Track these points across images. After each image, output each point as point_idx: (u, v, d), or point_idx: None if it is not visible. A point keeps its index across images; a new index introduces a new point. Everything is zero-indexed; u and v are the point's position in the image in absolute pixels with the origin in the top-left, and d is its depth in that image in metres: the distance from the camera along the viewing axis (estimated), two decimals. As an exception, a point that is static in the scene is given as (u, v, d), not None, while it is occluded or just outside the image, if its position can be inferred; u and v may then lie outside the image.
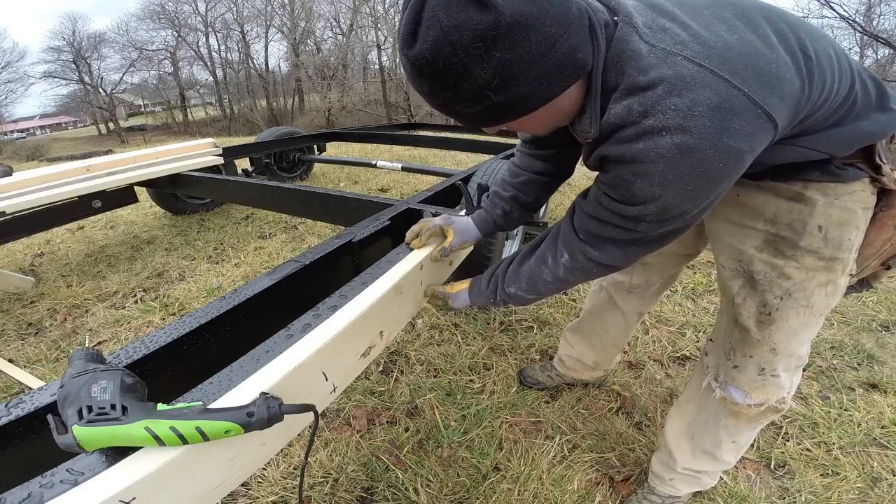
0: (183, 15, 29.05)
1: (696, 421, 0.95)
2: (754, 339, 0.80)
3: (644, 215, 0.61)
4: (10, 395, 1.40)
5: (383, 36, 26.67)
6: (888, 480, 1.14)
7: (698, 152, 0.52)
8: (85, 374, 0.46)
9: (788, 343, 0.79)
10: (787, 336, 0.78)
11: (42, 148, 20.39)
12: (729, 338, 0.85)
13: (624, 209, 0.62)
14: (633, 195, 0.59)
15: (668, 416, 1.04)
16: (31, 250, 2.45)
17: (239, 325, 0.75)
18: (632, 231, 0.64)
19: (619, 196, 0.61)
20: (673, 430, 1.00)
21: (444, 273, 1.08)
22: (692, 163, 0.53)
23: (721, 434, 0.91)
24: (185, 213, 2.91)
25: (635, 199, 0.59)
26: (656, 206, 0.58)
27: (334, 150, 4.65)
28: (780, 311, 0.76)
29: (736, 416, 0.88)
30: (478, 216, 0.96)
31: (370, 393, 1.40)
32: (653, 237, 0.65)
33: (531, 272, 0.79)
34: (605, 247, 0.69)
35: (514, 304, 0.86)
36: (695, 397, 0.96)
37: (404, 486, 1.09)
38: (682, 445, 0.98)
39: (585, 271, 0.74)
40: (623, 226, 0.64)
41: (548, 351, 1.60)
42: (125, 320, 1.77)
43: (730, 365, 0.85)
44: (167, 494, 0.45)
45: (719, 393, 0.88)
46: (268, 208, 2.00)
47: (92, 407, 0.43)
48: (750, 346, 0.81)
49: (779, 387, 0.83)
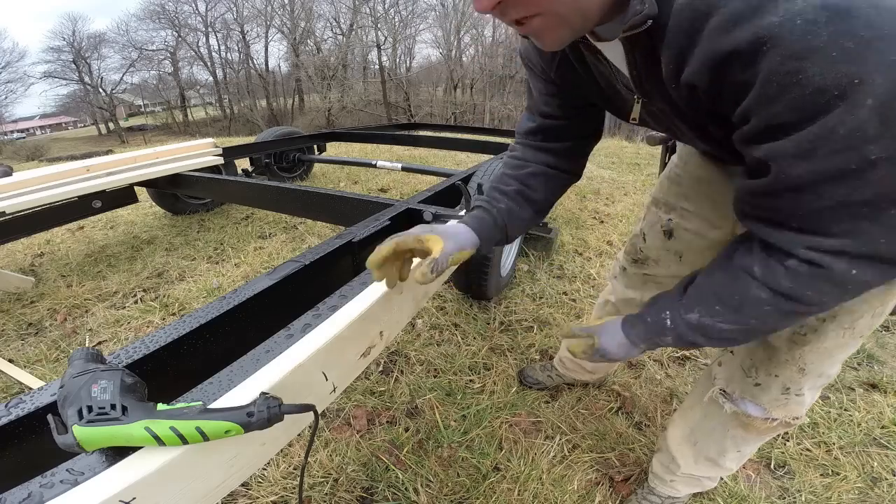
0: (183, 15, 29.09)
1: (700, 427, 0.92)
2: (782, 359, 0.73)
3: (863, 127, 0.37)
4: (10, 395, 1.40)
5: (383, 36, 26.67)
6: (888, 480, 1.14)
7: None
8: (85, 374, 0.46)
9: (820, 364, 0.71)
10: (821, 357, 0.70)
11: (42, 148, 20.42)
12: (751, 355, 0.78)
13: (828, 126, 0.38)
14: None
15: (671, 421, 1.02)
16: (31, 250, 2.45)
17: (239, 325, 0.74)
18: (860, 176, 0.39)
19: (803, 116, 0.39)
20: (675, 434, 0.98)
21: (444, 273, 1.07)
22: None
23: (727, 443, 0.88)
24: (185, 213, 2.91)
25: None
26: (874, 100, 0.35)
27: (334, 150, 4.65)
28: (818, 333, 0.67)
29: (746, 429, 0.84)
30: (473, 218, 0.75)
31: (370, 393, 1.40)
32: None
33: (723, 287, 0.55)
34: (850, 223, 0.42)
35: (706, 341, 0.58)
36: (699, 404, 0.92)
37: (404, 486, 1.09)
38: (685, 451, 0.96)
39: (829, 280, 0.45)
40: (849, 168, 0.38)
41: (548, 351, 1.60)
42: (125, 320, 1.77)
43: (750, 382, 0.79)
44: (167, 494, 0.45)
45: (730, 407, 0.82)
46: (268, 208, 2.00)
47: (92, 407, 0.43)
48: (776, 365, 0.74)
49: (801, 405, 0.77)
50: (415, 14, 29.30)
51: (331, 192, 1.65)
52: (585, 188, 3.68)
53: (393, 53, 29.11)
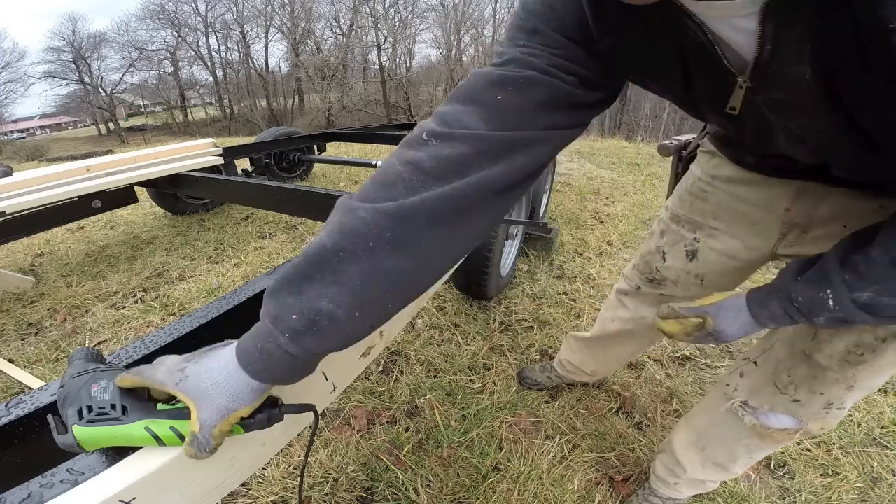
0: (183, 15, 29.13)
1: (708, 434, 0.90)
2: (831, 378, 0.68)
3: None
4: (10, 395, 1.40)
5: (383, 36, 26.69)
6: (888, 480, 1.14)
7: None
8: (85, 373, 0.46)
9: (871, 380, 0.67)
10: (873, 374, 0.66)
11: (42, 148, 20.43)
12: (789, 370, 0.73)
13: None
14: None
15: (677, 426, 1.00)
16: (31, 250, 2.45)
17: (239, 325, 0.74)
18: None
19: None
20: (681, 439, 0.96)
21: None
22: None
23: (739, 450, 0.85)
24: (185, 213, 2.91)
25: None
26: None
27: (334, 150, 4.65)
28: (877, 353, 0.63)
29: (763, 438, 0.80)
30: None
31: (370, 393, 1.40)
32: None
33: None
34: None
35: (874, 319, 0.50)
36: (708, 411, 0.90)
37: (404, 486, 1.10)
38: (691, 456, 0.94)
39: None
40: None
41: (548, 351, 1.60)
42: (125, 320, 1.77)
43: (786, 398, 0.74)
44: (167, 494, 0.45)
45: (751, 420, 0.79)
46: (268, 208, 2.00)
47: (92, 407, 0.43)
48: (822, 383, 0.69)
49: (838, 417, 0.73)
50: (415, 14, 29.35)
51: (331, 192, 1.65)
52: (585, 188, 3.68)
53: (393, 53, 29.13)
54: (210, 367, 0.44)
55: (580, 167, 4.48)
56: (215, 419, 0.42)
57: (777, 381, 0.75)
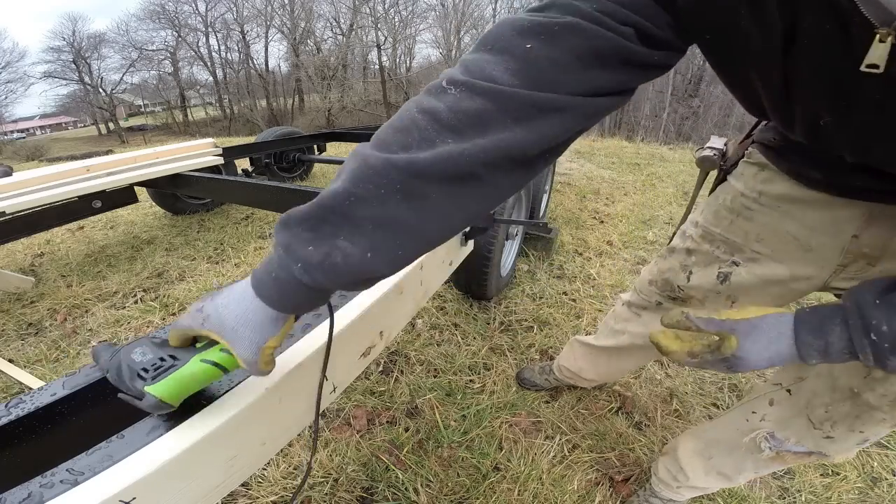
0: (183, 15, 29.14)
1: (716, 445, 0.87)
2: (878, 418, 0.62)
3: None
4: (10, 395, 1.40)
5: (383, 36, 26.69)
6: (888, 480, 1.14)
7: None
8: (117, 352, 0.48)
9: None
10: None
11: (42, 148, 20.43)
12: (827, 406, 0.66)
13: None
14: None
15: (684, 435, 0.98)
16: (31, 250, 2.45)
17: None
18: None
19: None
20: (687, 447, 0.94)
21: (444, 273, 1.06)
22: None
23: (747, 465, 0.82)
24: (185, 213, 2.91)
25: None
26: None
27: (334, 150, 4.65)
28: None
29: (774, 459, 0.76)
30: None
31: (370, 393, 1.40)
32: None
33: None
34: None
35: None
36: (720, 426, 0.86)
37: (404, 486, 1.10)
38: (696, 464, 0.91)
39: None
40: None
41: (548, 351, 1.60)
42: (125, 320, 1.77)
43: (818, 434, 0.68)
44: (167, 494, 0.45)
45: (771, 453, 0.73)
46: (268, 208, 2.00)
47: (147, 368, 0.45)
48: (865, 422, 0.63)
49: (861, 448, 0.69)
50: (415, 14, 29.36)
51: (331, 192, 1.65)
52: (585, 188, 3.68)
53: (393, 53, 29.15)
54: (226, 303, 0.44)
55: (580, 167, 4.48)
56: (252, 356, 0.44)
57: (811, 415, 0.68)
